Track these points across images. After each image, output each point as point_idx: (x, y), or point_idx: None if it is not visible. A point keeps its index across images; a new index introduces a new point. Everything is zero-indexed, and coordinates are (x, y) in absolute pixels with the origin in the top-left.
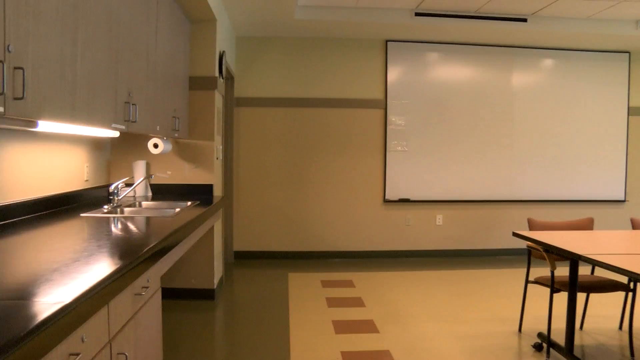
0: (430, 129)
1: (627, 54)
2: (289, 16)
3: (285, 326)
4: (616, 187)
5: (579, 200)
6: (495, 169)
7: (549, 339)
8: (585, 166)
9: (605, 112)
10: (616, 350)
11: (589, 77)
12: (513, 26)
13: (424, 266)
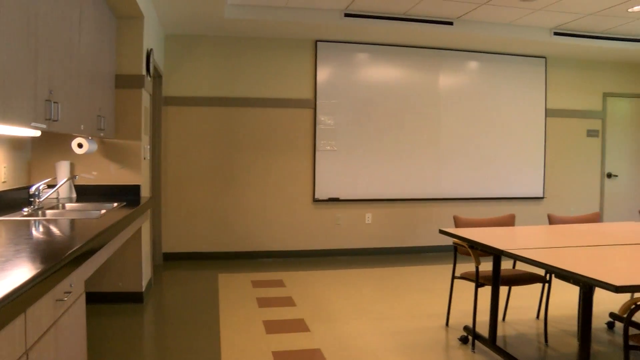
0: (359, 129)
1: (543, 59)
2: (219, 15)
3: (215, 328)
4: (535, 185)
5: (502, 197)
6: (423, 168)
7: (474, 331)
8: (507, 165)
9: (525, 114)
10: (534, 338)
11: (510, 80)
12: (440, 29)
13: (353, 264)
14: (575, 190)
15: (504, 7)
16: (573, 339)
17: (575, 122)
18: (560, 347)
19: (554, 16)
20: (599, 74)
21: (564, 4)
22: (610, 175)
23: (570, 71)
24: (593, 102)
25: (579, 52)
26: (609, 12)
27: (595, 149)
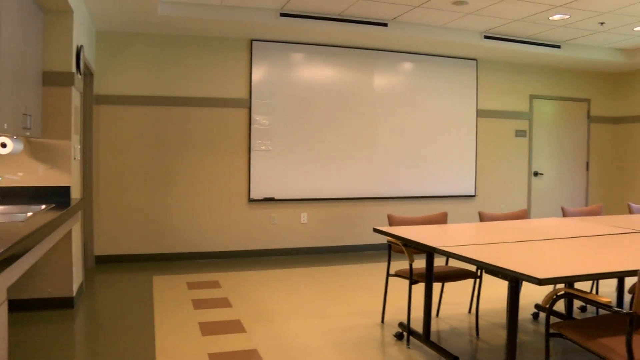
0: (294, 129)
1: (474, 61)
2: (152, 12)
3: (150, 331)
4: (467, 184)
5: (435, 196)
6: (358, 168)
7: (408, 327)
8: (440, 164)
9: (457, 114)
10: (466, 332)
11: (443, 81)
12: (374, 30)
13: (289, 264)
14: (505, 188)
15: (436, 10)
16: (502, 331)
17: (504, 122)
18: (490, 339)
19: (484, 20)
20: (526, 76)
21: (493, 9)
22: (537, 174)
23: (499, 73)
24: (521, 103)
25: (507, 55)
26: (532, 19)
27: (523, 148)
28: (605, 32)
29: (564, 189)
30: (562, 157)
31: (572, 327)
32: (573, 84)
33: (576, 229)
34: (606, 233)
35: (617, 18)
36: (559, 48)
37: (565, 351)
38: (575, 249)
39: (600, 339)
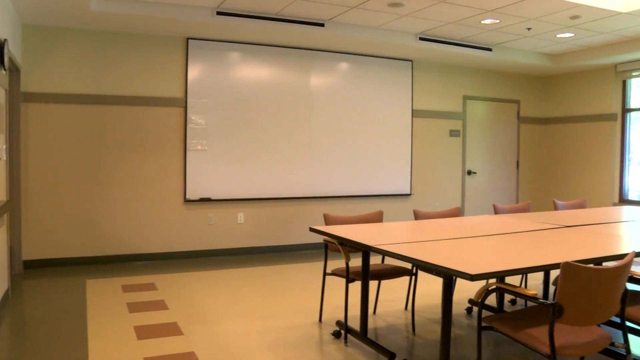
0: (231, 128)
1: (410, 62)
2: (84, 7)
3: (82, 337)
4: (403, 182)
5: (371, 195)
6: (295, 167)
7: (346, 325)
8: (376, 163)
9: (393, 114)
10: (402, 328)
11: (379, 81)
12: (311, 30)
13: (227, 264)
14: (439, 187)
15: (373, 12)
16: (437, 326)
17: (438, 122)
18: (426, 335)
19: (419, 22)
20: (459, 78)
21: (427, 12)
22: (470, 173)
23: (434, 74)
24: (454, 104)
25: (441, 57)
26: (465, 22)
27: (457, 148)
28: (532, 37)
29: (496, 187)
30: (494, 156)
31: (502, 320)
32: (504, 86)
33: (506, 226)
34: (534, 229)
35: (542, 25)
36: (491, 51)
37: (497, 343)
38: (506, 245)
39: (527, 330)
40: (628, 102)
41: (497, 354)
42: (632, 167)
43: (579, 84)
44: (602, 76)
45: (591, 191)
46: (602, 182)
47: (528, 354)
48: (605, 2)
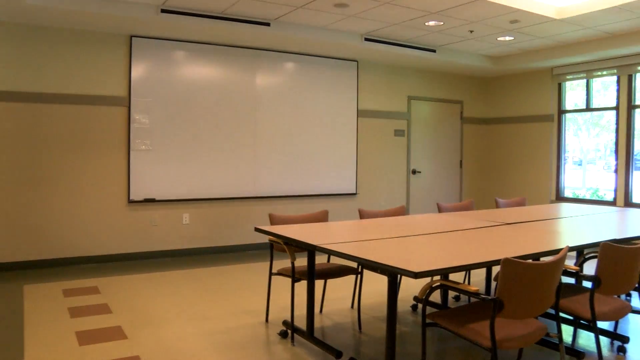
0: (176, 128)
1: (355, 62)
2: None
3: (19, 347)
4: (349, 182)
5: (317, 194)
6: (240, 167)
7: (292, 325)
8: (322, 163)
9: (338, 114)
10: (349, 327)
11: (325, 81)
12: (257, 29)
13: (172, 266)
14: (385, 186)
15: (319, 12)
16: (383, 324)
17: (384, 122)
18: (372, 332)
19: (365, 23)
20: (404, 78)
21: (373, 13)
22: (415, 172)
23: (379, 75)
24: (399, 104)
25: (386, 57)
26: (410, 23)
27: (402, 147)
28: (474, 40)
29: (440, 186)
30: (438, 156)
31: (446, 316)
32: (447, 87)
33: (450, 224)
34: (476, 227)
35: (484, 28)
36: (435, 52)
37: (441, 339)
38: (449, 242)
39: (469, 325)
40: (563, 104)
41: (441, 349)
42: (567, 166)
43: (518, 86)
44: (539, 79)
45: (530, 189)
46: (540, 180)
47: (471, 348)
48: (541, 8)
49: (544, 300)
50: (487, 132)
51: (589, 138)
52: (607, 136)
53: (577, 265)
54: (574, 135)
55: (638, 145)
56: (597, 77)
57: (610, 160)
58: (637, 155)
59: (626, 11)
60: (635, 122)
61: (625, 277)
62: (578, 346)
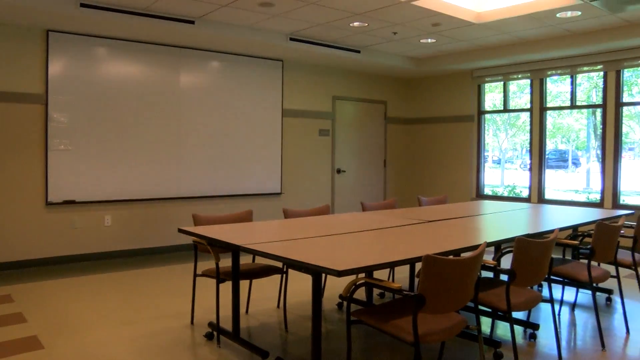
0: (97, 127)
1: (281, 62)
2: None
3: None
4: (274, 181)
5: (242, 194)
6: (164, 167)
7: (218, 327)
8: (247, 163)
9: (264, 113)
10: (275, 327)
11: (250, 81)
12: (181, 27)
13: (93, 270)
14: (309, 185)
15: (244, 10)
16: (309, 322)
17: (309, 122)
18: (299, 331)
19: (290, 23)
20: (329, 78)
21: (298, 13)
22: (340, 171)
23: (304, 75)
24: (324, 104)
25: (312, 57)
26: (335, 24)
27: (327, 147)
28: (398, 41)
29: (365, 185)
30: (362, 155)
31: (370, 313)
32: (372, 87)
33: (373, 222)
34: (399, 224)
35: (407, 30)
36: (359, 53)
37: (367, 335)
38: (373, 240)
39: (393, 321)
40: (483, 105)
41: (367, 345)
42: (487, 165)
43: (440, 87)
44: (460, 80)
45: (452, 187)
46: (461, 178)
47: (396, 344)
48: (462, 13)
49: (463, 294)
50: (411, 131)
51: (507, 138)
52: (523, 136)
53: (494, 259)
54: (493, 135)
55: (550, 144)
56: (513, 80)
57: (526, 159)
58: (549, 155)
59: (536, 20)
60: (546, 123)
61: (537, 269)
62: (496, 336)
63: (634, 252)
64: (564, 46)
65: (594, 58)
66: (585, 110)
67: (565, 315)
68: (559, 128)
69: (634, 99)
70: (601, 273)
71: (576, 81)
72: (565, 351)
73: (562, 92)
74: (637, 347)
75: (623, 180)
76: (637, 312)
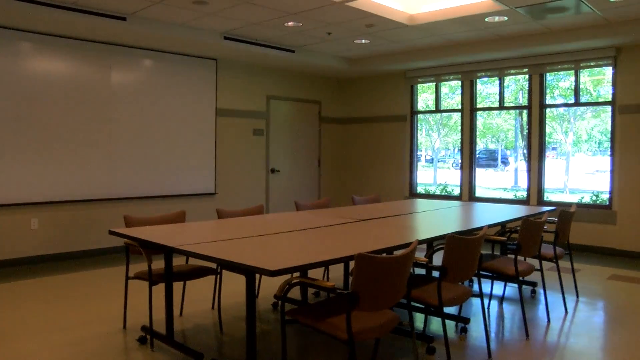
0: (22, 126)
1: (215, 61)
2: None
3: None
4: (207, 181)
5: (176, 195)
6: (94, 168)
7: (151, 330)
8: (180, 163)
9: (197, 113)
10: (210, 328)
11: (184, 80)
12: (112, 23)
13: (19, 276)
14: (244, 185)
15: (177, 8)
16: (244, 323)
17: (243, 121)
18: (234, 332)
19: (224, 21)
20: (263, 78)
21: (232, 12)
22: (274, 171)
23: (238, 74)
24: (258, 103)
25: (246, 56)
26: (269, 23)
27: (261, 146)
28: (332, 42)
29: (299, 185)
30: (297, 155)
31: (304, 312)
32: (306, 87)
33: (307, 222)
34: (333, 223)
35: (341, 30)
36: (294, 52)
37: (302, 335)
38: (307, 239)
39: (327, 319)
40: (415, 105)
41: (303, 344)
42: (420, 164)
43: (374, 87)
44: (394, 81)
45: (386, 186)
46: (395, 178)
47: (331, 342)
48: (395, 15)
49: (396, 291)
50: (345, 131)
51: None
52: (455, 136)
53: (426, 257)
54: (426, 135)
55: (480, 144)
56: (445, 81)
57: (457, 158)
58: (480, 154)
59: (466, 23)
60: (477, 123)
61: (468, 265)
62: (429, 331)
63: (555, 246)
64: (492, 49)
65: (521, 62)
66: (513, 111)
67: (494, 308)
68: (489, 128)
69: (555, 101)
70: (527, 267)
71: (504, 83)
72: (494, 343)
73: (491, 94)
74: (557, 335)
75: (547, 179)
76: (558, 302)
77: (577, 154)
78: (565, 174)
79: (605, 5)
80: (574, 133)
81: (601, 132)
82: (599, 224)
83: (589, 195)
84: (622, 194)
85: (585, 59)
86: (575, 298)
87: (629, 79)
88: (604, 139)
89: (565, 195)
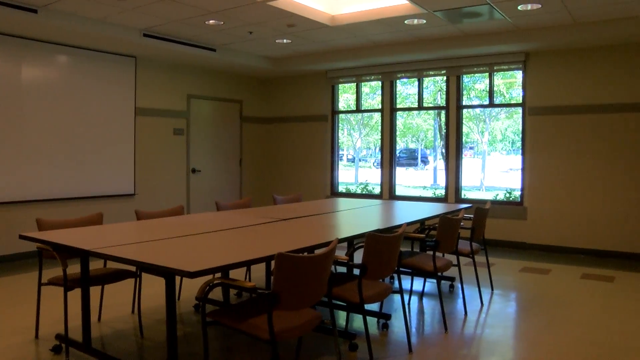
0: None
1: (134, 58)
2: None
3: None
4: (126, 182)
5: (93, 196)
6: (3, 169)
7: (66, 338)
8: (97, 163)
9: (115, 112)
10: (131, 333)
11: (101, 77)
12: (22, 15)
13: None
14: (164, 186)
15: (94, 2)
16: (165, 326)
17: (163, 121)
18: (155, 337)
19: (144, 18)
20: (184, 76)
21: (152, 8)
22: (195, 171)
23: (158, 72)
24: (179, 102)
25: (166, 54)
26: (190, 21)
27: (182, 146)
28: (254, 41)
29: (221, 184)
30: (218, 155)
31: (226, 313)
32: (228, 86)
33: (228, 222)
34: (254, 223)
35: (263, 30)
36: (215, 51)
37: (225, 336)
38: (227, 240)
39: (249, 320)
40: (336, 105)
41: (225, 346)
42: (342, 163)
43: (296, 87)
44: (316, 81)
45: (308, 186)
46: (316, 177)
47: (254, 343)
48: (316, 15)
49: (317, 290)
50: (267, 131)
51: (360, 137)
52: (376, 136)
53: (347, 255)
54: (347, 135)
55: (401, 144)
56: (366, 81)
57: (378, 157)
58: (400, 153)
59: (386, 25)
60: (397, 123)
61: (387, 262)
62: (351, 329)
63: (472, 242)
64: (412, 51)
65: (439, 64)
66: (432, 112)
67: (415, 304)
68: (409, 128)
69: (471, 102)
70: (445, 263)
71: (423, 84)
72: (414, 337)
73: (410, 94)
74: (473, 326)
75: (464, 177)
76: (474, 296)
77: (493, 153)
78: (482, 172)
79: (514, 13)
80: (490, 133)
81: (514, 133)
82: (512, 219)
83: (503, 192)
84: (532, 191)
85: (498, 63)
86: (491, 291)
87: (537, 83)
88: (516, 139)
89: (482, 192)
